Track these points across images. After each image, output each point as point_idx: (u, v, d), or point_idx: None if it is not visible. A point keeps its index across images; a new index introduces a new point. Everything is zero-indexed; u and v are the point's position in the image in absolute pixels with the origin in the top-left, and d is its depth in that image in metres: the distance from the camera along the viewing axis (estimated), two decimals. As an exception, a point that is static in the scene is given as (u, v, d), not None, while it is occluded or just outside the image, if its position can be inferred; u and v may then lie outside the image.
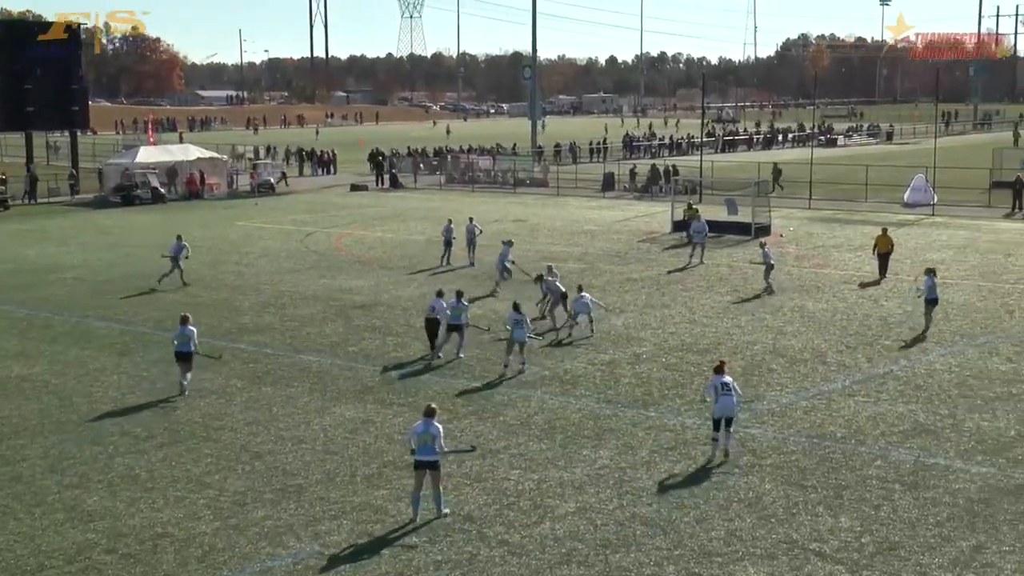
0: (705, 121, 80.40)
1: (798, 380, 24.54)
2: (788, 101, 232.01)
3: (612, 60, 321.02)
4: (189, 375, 24.22)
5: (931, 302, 28.92)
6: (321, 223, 53.26)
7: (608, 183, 67.74)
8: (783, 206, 55.33)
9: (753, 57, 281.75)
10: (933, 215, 53.42)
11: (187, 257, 37.05)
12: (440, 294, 27.66)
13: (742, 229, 44.86)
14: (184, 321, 24.51)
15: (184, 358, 24.17)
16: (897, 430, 21.11)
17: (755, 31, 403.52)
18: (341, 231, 50.33)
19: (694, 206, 47.35)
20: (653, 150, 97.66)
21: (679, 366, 25.96)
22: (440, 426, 17.34)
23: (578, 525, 16.94)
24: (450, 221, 41.63)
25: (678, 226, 47.75)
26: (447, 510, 17.32)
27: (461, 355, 26.74)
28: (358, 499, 18.05)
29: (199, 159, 68.71)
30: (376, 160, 78.41)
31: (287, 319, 31.57)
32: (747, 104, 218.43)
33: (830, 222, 51.48)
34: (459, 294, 27.23)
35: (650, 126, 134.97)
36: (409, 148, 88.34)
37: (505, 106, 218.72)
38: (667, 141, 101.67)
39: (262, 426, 21.89)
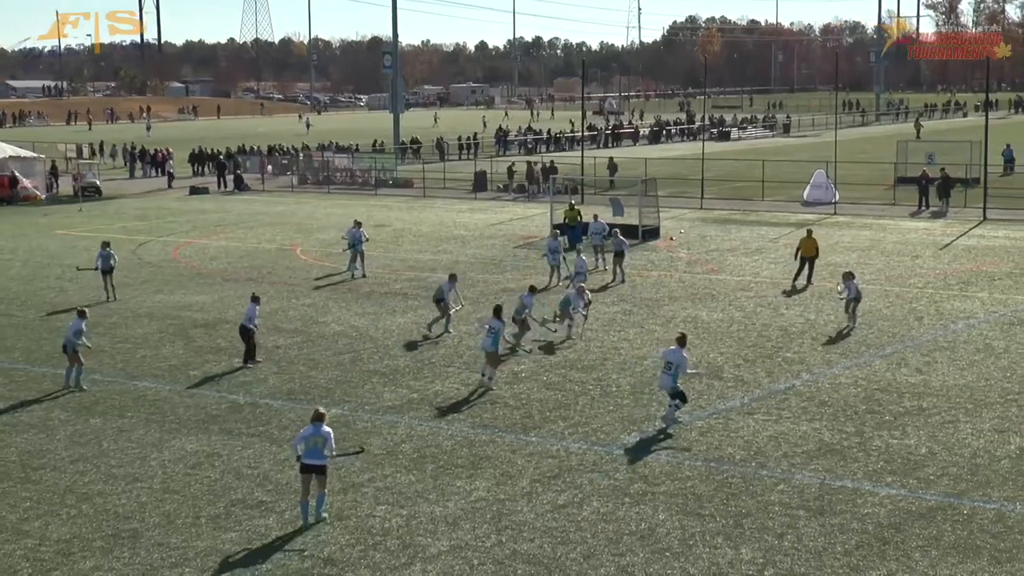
0: (584, 114, 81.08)
1: (693, 398, 24.86)
2: (676, 90, 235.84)
3: (482, 46, 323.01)
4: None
5: (854, 300, 31.05)
6: (156, 231, 52.39)
7: (480, 183, 67.95)
8: (674, 206, 56.13)
9: (638, 42, 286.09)
10: (835, 214, 54.71)
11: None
12: (255, 299, 28.34)
13: (628, 232, 45.27)
14: (81, 315, 26.77)
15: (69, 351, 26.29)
16: (801, 451, 21.54)
17: (639, 14, 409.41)
18: (179, 240, 49.58)
19: (576, 206, 47.60)
20: (529, 145, 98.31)
21: (562, 385, 26.12)
22: (331, 430, 18.47)
23: (452, 566, 16.92)
24: (358, 224, 40.74)
25: (558, 229, 47.99)
26: (326, 515, 18.40)
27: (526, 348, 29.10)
28: (203, 544, 17.76)
29: (11, 158, 66.97)
30: (217, 160, 77.61)
31: (118, 340, 30.96)
32: (632, 94, 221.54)
33: (725, 223, 52.39)
34: (532, 289, 30.64)
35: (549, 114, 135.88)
36: (242, 146, 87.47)
37: (364, 98, 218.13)
38: (544, 136, 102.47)
39: (90, 463, 21.41)
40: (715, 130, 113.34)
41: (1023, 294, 35.39)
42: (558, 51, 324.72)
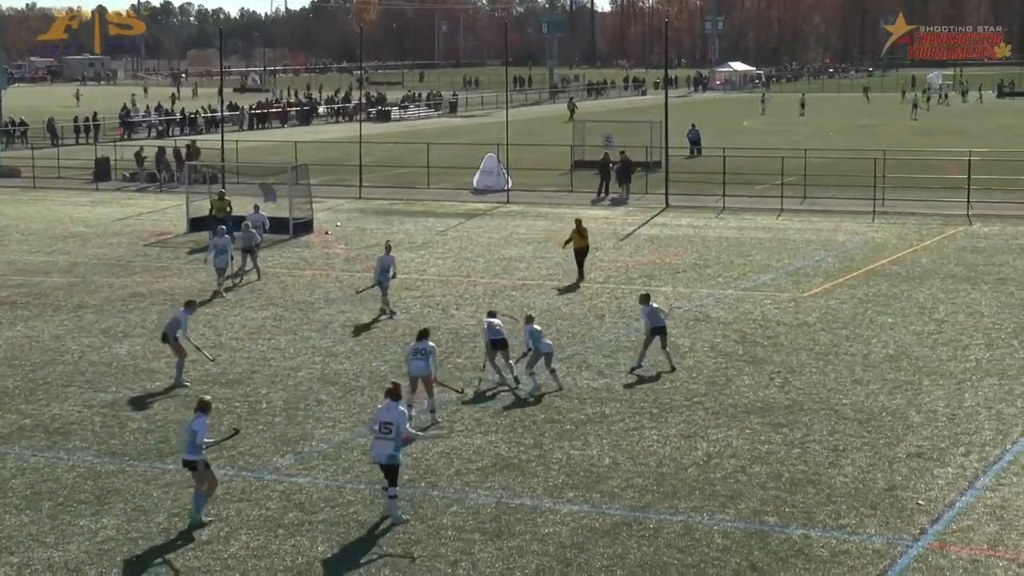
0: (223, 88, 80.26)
1: (354, 413, 24.98)
2: (329, 64, 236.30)
3: (101, 11, 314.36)
4: None
5: (658, 331, 28.14)
6: None
7: (102, 172, 66.23)
8: (329, 196, 56.23)
9: (283, 9, 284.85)
10: (508, 203, 55.98)
11: None
12: None
13: (279, 226, 45.10)
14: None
15: None
16: (475, 467, 21.95)
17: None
18: None
19: (226, 195, 46.84)
20: (160, 128, 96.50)
21: (203, 403, 25.75)
22: (207, 422, 19.50)
23: (77, 619, 16.47)
24: None
25: (196, 224, 47.38)
26: (207, 519, 19.25)
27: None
28: None
29: None
30: None
31: None
32: (280, 68, 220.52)
33: (386, 215, 52.83)
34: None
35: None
36: None
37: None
38: (178, 116, 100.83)
39: None
40: (374, 110, 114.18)
41: (707, 287, 37.15)
42: (191, 18, 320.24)
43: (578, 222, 39.11)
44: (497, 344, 26.85)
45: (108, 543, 18.76)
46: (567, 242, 38.97)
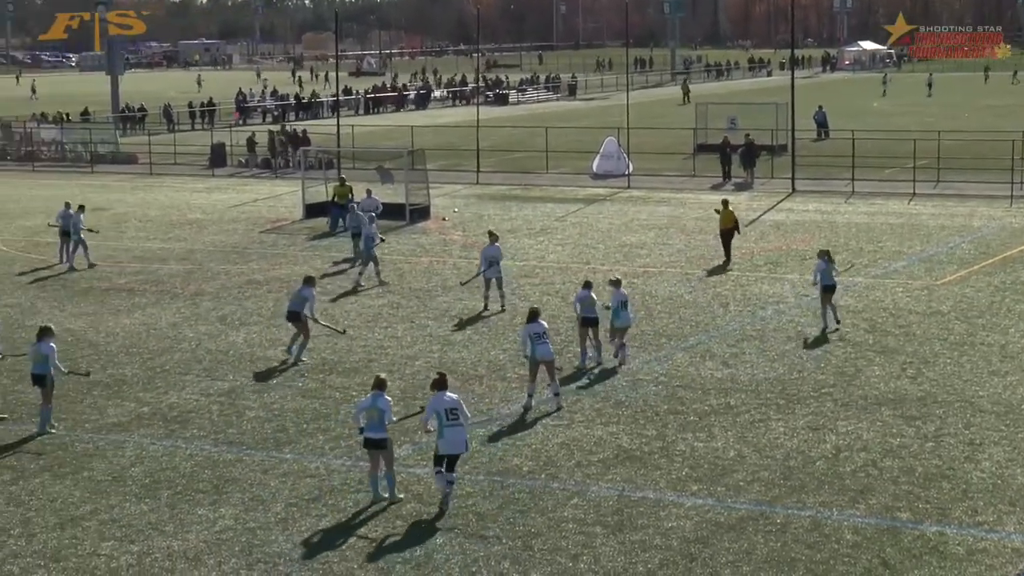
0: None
1: (472, 403, 25.01)
2: (445, 46, 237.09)
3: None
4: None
5: (828, 289, 30.50)
6: None
7: (218, 157, 67.11)
8: (445, 182, 56.46)
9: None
10: (629, 187, 55.82)
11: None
12: None
13: (394, 211, 45.38)
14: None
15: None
16: (596, 459, 21.93)
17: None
18: None
19: (347, 182, 47.02)
20: (275, 112, 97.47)
21: (320, 392, 26.03)
22: (390, 399, 20.07)
23: (196, 609, 16.72)
24: (67, 205, 40.03)
25: (312, 211, 47.83)
26: (401, 495, 19.98)
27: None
28: None
29: None
30: None
31: None
32: (395, 51, 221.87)
33: (504, 200, 52.92)
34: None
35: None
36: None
37: (74, 57, 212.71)
38: (292, 101, 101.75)
39: None
40: (491, 93, 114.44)
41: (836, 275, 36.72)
42: (307, 2, 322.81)
43: (725, 203, 39.04)
44: (588, 322, 27.36)
45: (226, 532, 19.02)
46: (729, 219, 38.62)
